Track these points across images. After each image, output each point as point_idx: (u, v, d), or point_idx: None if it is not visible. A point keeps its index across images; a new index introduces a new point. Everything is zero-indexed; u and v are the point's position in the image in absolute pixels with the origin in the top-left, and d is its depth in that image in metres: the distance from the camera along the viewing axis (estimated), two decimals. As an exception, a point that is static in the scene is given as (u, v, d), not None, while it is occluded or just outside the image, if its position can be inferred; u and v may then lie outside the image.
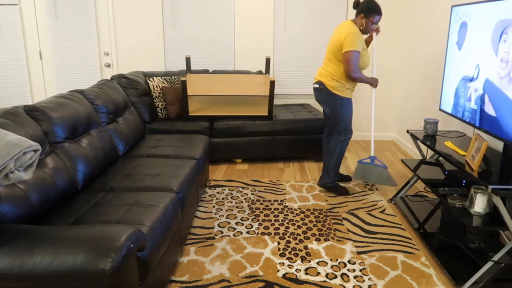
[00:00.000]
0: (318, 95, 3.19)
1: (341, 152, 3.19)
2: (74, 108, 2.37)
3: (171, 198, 2.09)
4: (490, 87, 2.22)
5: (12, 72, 4.78)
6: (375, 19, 3.00)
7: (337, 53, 3.01)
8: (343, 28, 2.99)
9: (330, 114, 3.16)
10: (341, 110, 3.10)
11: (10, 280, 1.30)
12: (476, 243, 2.34)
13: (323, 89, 3.11)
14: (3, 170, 1.32)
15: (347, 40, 2.91)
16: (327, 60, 3.12)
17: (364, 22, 3.01)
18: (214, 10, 4.67)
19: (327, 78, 3.08)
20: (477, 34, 2.38)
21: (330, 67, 3.09)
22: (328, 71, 3.09)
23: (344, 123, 3.13)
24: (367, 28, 3.04)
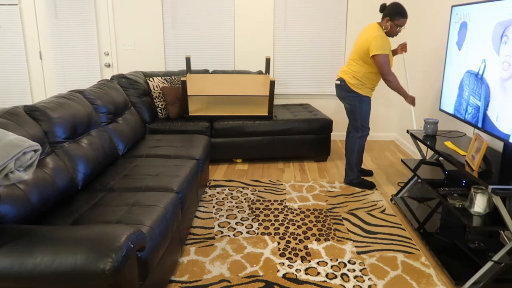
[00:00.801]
0: (339, 92, 3.34)
1: (360, 148, 3.34)
2: (74, 108, 2.37)
3: (171, 198, 2.09)
4: (492, 87, 2.22)
5: (12, 72, 4.78)
6: (400, 22, 3.06)
7: (362, 55, 3.12)
8: (370, 31, 3.09)
9: (349, 110, 3.32)
10: (359, 107, 3.25)
11: (10, 280, 1.30)
12: (476, 243, 2.34)
13: (344, 86, 3.26)
14: (3, 170, 1.32)
15: (374, 43, 3.02)
16: (351, 60, 3.26)
17: (389, 25, 3.09)
18: (214, 10, 4.67)
19: (349, 76, 3.23)
20: (477, 34, 2.38)
21: (353, 66, 3.22)
22: (351, 69, 3.23)
23: (362, 120, 3.28)
24: (392, 30, 3.10)
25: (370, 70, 3.18)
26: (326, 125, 3.97)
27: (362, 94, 3.23)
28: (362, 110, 3.25)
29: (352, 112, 3.31)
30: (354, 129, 3.33)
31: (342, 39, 4.76)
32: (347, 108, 3.33)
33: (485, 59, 2.27)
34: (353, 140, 3.34)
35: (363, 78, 3.19)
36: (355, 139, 3.32)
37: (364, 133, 3.32)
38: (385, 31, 3.10)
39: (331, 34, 4.74)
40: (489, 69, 2.23)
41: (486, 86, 2.25)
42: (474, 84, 2.39)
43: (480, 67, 2.32)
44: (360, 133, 3.32)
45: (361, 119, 3.28)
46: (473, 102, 2.40)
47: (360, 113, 3.26)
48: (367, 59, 3.13)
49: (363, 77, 3.19)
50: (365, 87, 3.22)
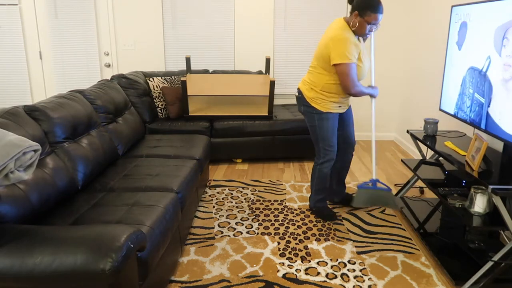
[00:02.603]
0: (298, 105, 2.76)
1: (321, 176, 2.73)
2: (74, 108, 2.37)
3: (171, 198, 2.09)
4: (494, 86, 2.22)
5: (12, 72, 4.78)
6: (371, 19, 2.37)
7: (321, 61, 2.51)
8: (331, 32, 2.45)
9: (309, 130, 2.73)
10: (319, 125, 2.63)
11: (10, 280, 1.30)
12: (476, 243, 2.34)
13: (302, 100, 2.67)
14: (3, 170, 1.32)
15: (335, 49, 2.39)
16: (311, 67, 2.65)
17: (357, 22, 2.40)
18: (214, 10, 4.67)
19: (306, 87, 2.63)
20: (479, 33, 2.38)
21: (312, 75, 2.61)
22: (310, 79, 2.62)
23: (323, 142, 2.66)
24: (361, 29, 2.42)
25: (332, 80, 2.52)
26: (326, 125, 3.97)
27: (322, 111, 2.59)
28: (322, 129, 2.62)
29: (311, 132, 2.70)
30: (316, 153, 2.75)
31: (342, 39, 4.75)
32: (308, 127, 2.73)
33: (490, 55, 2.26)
34: (313, 167, 2.77)
35: (324, 91, 2.56)
36: (315, 166, 2.74)
37: (327, 158, 2.68)
38: (353, 29, 2.44)
39: (331, 34, 4.74)
40: (492, 68, 2.23)
41: (489, 83, 2.25)
42: (478, 81, 2.38)
43: (485, 65, 2.31)
44: (322, 158, 2.69)
45: (322, 140, 2.65)
46: (476, 99, 2.40)
47: (320, 133, 2.63)
48: (328, 66, 2.49)
49: (324, 90, 2.55)
50: (326, 101, 2.58)
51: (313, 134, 2.70)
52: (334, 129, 2.64)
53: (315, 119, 2.63)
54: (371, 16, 2.37)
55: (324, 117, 2.60)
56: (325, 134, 2.63)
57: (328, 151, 2.67)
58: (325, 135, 2.63)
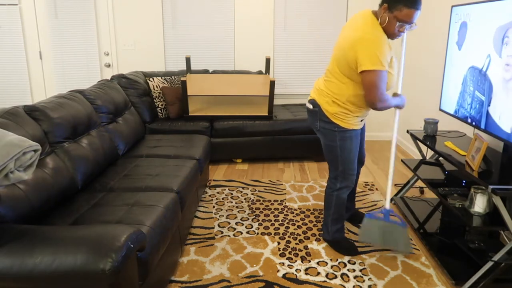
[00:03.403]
0: (311, 120, 2.28)
1: (340, 204, 2.33)
2: (74, 108, 2.37)
3: (171, 198, 2.09)
4: (495, 85, 2.22)
5: (12, 72, 4.78)
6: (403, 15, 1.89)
7: (344, 66, 2.03)
8: (358, 30, 1.96)
9: (326, 150, 2.27)
10: (341, 146, 2.19)
11: (10, 280, 1.30)
12: (476, 243, 2.33)
13: (318, 114, 2.20)
14: (3, 170, 1.32)
15: (364, 52, 1.91)
16: (329, 72, 2.15)
17: (386, 18, 1.93)
18: (214, 10, 4.67)
19: (326, 100, 2.15)
20: (479, 33, 2.38)
21: (332, 84, 2.13)
22: (330, 89, 2.14)
23: (344, 165, 2.24)
24: (390, 28, 1.95)
25: (359, 90, 2.07)
26: (326, 125, 3.97)
27: (345, 128, 2.15)
28: (344, 150, 2.20)
29: (330, 153, 2.25)
30: (332, 177, 2.31)
31: (342, 39, 4.75)
32: (323, 146, 2.29)
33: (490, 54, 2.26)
34: (329, 193, 2.34)
35: (349, 105, 2.11)
36: (332, 192, 2.32)
37: (345, 183, 2.28)
38: (382, 26, 1.96)
39: (331, 34, 4.74)
40: (492, 67, 2.23)
41: (489, 82, 2.25)
42: (478, 79, 2.38)
43: (484, 64, 2.31)
44: (340, 184, 2.28)
45: (343, 163, 2.23)
46: (477, 97, 2.39)
47: (342, 155, 2.21)
48: (354, 74, 2.02)
49: (349, 103, 2.11)
50: (351, 116, 2.14)
51: (331, 155, 2.25)
52: (357, 149, 2.24)
53: (336, 138, 2.17)
54: (402, 11, 1.88)
55: (347, 135, 2.16)
56: (347, 156, 2.20)
57: (349, 175, 2.26)
58: (348, 158, 2.20)
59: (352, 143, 2.20)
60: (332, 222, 2.38)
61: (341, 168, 2.25)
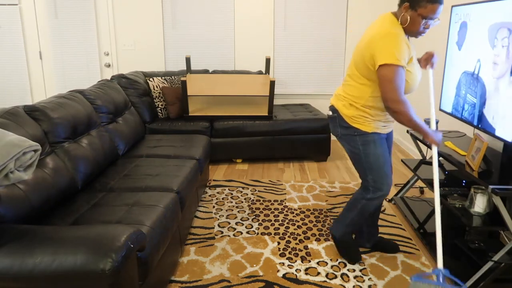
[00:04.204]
0: (332, 128, 2.16)
1: (364, 212, 2.17)
2: (74, 108, 2.37)
3: (171, 198, 2.09)
4: (488, 86, 2.22)
5: (12, 72, 4.78)
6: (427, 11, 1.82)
7: (362, 66, 1.95)
8: (375, 28, 1.91)
9: (351, 159, 2.14)
10: (364, 151, 2.04)
11: (10, 280, 1.30)
12: (476, 243, 2.33)
13: (338, 120, 2.09)
14: (3, 170, 1.32)
15: (380, 47, 1.83)
16: (348, 76, 2.07)
17: (408, 16, 1.86)
18: (214, 10, 4.67)
19: (343, 104, 2.05)
20: (477, 34, 2.38)
21: (350, 87, 2.04)
22: (347, 92, 2.05)
23: (372, 173, 2.06)
24: (414, 26, 1.88)
25: (377, 92, 1.96)
26: (326, 125, 3.97)
27: (366, 132, 2.02)
28: (369, 155, 2.03)
29: (356, 161, 2.11)
30: (363, 187, 2.14)
31: (342, 38, 4.75)
32: (349, 156, 2.15)
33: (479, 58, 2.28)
34: (357, 197, 2.18)
35: (367, 107, 1.99)
36: (360, 199, 2.15)
37: (378, 194, 2.09)
38: (404, 26, 1.90)
39: (331, 34, 4.74)
40: (483, 69, 2.24)
41: (482, 85, 2.25)
42: (471, 82, 2.39)
43: (476, 67, 2.32)
44: (371, 194, 2.10)
45: (371, 171, 2.06)
46: (469, 100, 2.40)
47: (368, 161, 2.04)
48: (371, 74, 1.93)
49: (368, 105, 1.99)
50: (370, 119, 2.01)
51: (357, 163, 2.10)
52: (385, 154, 2.05)
53: (358, 143, 2.04)
54: (427, 7, 1.81)
55: (369, 139, 2.02)
56: (374, 162, 2.04)
57: (380, 184, 2.06)
58: (375, 164, 2.04)
59: (377, 147, 2.02)
60: (346, 224, 2.25)
61: (370, 177, 2.06)
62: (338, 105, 2.08)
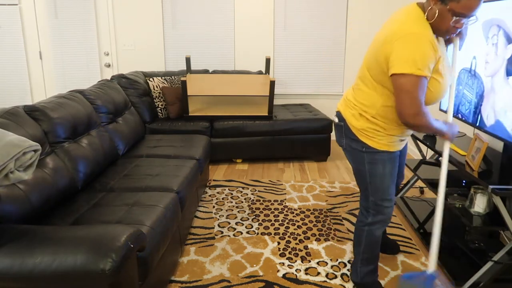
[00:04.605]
0: (337, 136, 1.88)
1: (372, 242, 1.89)
2: (74, 108, 2.37)
3: (171, 198, 2.09)
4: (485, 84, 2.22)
5: (12, 72, 4.78)
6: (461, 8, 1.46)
7: (375, 69, 1.64)
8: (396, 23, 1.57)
9: (354, 173, 1.88)
10: (370, 170, 1.78)
11: (10, 280, 1.30)
12: (476, 243, 2.34)
13: (344, 129, 1.80)
14: (3, 170, 1.32)
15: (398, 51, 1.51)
16: (359, 79, 1.76)
17: (436, 11, 1.50)
18: (214, 10, 4.67)
19: (352, 113, 1.76)
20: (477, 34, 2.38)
21: (361, 92, 1.73)
22: (356, 99, 1.75)
23: (375, 194, 1.81)
24: (442, 23, 1.52)
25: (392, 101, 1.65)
26: (326, 125, 3.97)
27: (375, 149, 1.73)
28: (375, 176, 1.77)
29: (359, 178, 1.85)
30: (363, 208, 1.89)
31: (342, 38, 4.75)
32: (353, 169, 1.88)
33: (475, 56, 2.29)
34: (358, 227, 1.92)
35: (380, 119, 1.69)
36: (362, 226, 1.90)
37: (379, 217, 1.84)
38: (430, 22, 1.54)
39: (331, 34, 4.74)
40: (479, 67, 2.25)
41: (480, 82, 2.26)
42: (468, 79, 2.39)
43: (472, 63, 2.33)
44: (372, 217, 1.85)
45: (374, 192, 1.80)
46: (467, 96, 2.41)
47: (373, 182, 1.79)
48: (385, 79, 1.62)
49: (380, 117, 1.69)
50: (383, 134, 1.72)
51: (360, 181, 1.85)
52: (393, 174, 1.79)
53: (365, 160, 1.77)
54: (460, 2, 1.45)
55: (378, 158, 1.74)
56: (379, 183, 1.78)
57: (383, 207, 1.82)
58: (380, 185, 1.78)
59: (385, 168, 1.75)
60: (362, 263, 1.95)
61: (372, 198, 1.82)
62: (346, 114, 1.78)
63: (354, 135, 1.76)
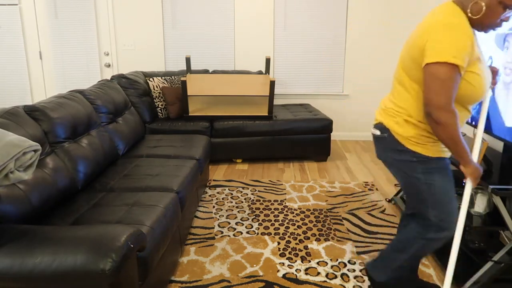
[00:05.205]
0: (379, 150, 1.71)
1: (420, 253, 1.72)
2: (74, 108, 2.37)
3: (171, 198, 2.09)
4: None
5: (12, 72, 4.78)
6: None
7: (412, 66, 1.54)
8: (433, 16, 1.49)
9: (406, 190, 1.69)
10: (427, 182, 1.59)
11: (10, 280, 1.30)
12: (476, 243, 2.33)
13: (388, 141, 1.63)
14: (3, 170, 1.32)
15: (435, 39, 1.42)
16: (398, 82, 1.64)
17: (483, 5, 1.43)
18: (214, 10, 4.67)
19: (396, 120, 1.59)
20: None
21: (401, 96, 1.60)
22: (398, 104, 1.61)
23: (437, 208, 1.60)
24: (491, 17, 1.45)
25: None
26: (326, 125, 3.97)
27: (428, 156, 1.57)
28: (434, 187, 1.58)
29: (414, 194, 1.65)
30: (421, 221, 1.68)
31: (342, 38, 4.75)
32: (402, 186, 1.70)
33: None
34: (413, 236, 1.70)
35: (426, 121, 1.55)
36: (418, 237, 1.68)
37: (443, 234, 1.63)
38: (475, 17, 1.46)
39: (331, 34, 4.74)
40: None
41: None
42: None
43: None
44: (434, 233, 1.64)
45: (436, 206, 1.60)
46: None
47: (432, 194, 1.59)
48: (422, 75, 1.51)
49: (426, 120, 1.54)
50: (434, 139, 1.56)
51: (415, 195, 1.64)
52: (453, 185, 1.63)
53: (418, 171, 1.58)
54: None
55: (434, 166, 1.58)
56: (440, 195, 1.59)
57: (448, 223, 1.61)
58: (443, 197, 1.59)
59: (445, 177, 1.60)
60: (396, 268, 1.78)
61: (434, 213, 1.60)
62: (389, 123, 1.61)
63: (402, 145, 1.58)
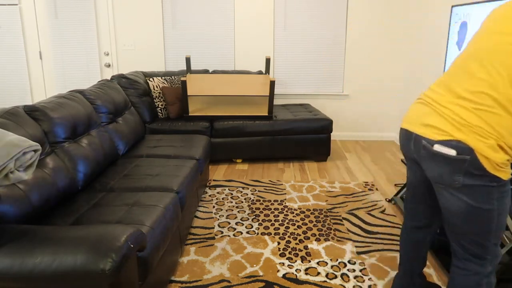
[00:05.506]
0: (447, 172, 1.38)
1: None
2: (74, 108, 2.37)
3: (171, 198, 2.09)
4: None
5: (12, 72, 4.78)
6: None
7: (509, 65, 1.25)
8: None
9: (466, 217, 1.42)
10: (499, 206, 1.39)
11: (10, 280, 1.30)
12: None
13: (468, 163, 1.32)
14: (3, 170, 1.32)
15: None
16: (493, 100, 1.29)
17: None
18: (214, 10, 4.67)
19: (489, 143, 1.29)
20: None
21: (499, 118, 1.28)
22: (492, 126, 1.28)
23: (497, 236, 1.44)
24: None
25: None
26: (326, 125, 3.97)
27: (504, 180, 1.35)
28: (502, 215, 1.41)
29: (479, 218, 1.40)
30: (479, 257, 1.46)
31: (342, 38, 4.75)
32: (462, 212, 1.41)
33: None
34: (476, 280, 1.47)
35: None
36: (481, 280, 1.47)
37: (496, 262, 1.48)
38: None
39: (331, 34, 4.74)
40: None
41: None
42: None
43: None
44: (490, 265, 1.46)
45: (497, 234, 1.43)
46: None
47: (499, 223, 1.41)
48: None
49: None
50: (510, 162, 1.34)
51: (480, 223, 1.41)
52: None
53: (494, 196, 1.37)
54: None
55: (507, 190, 1.39)
56: (503, 221, 1.43)
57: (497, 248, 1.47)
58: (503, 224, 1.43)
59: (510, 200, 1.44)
60: None
61: (493, 241, 1.43)
62: (477, 145, 1.29)
63: (484, 170, 1.31)
